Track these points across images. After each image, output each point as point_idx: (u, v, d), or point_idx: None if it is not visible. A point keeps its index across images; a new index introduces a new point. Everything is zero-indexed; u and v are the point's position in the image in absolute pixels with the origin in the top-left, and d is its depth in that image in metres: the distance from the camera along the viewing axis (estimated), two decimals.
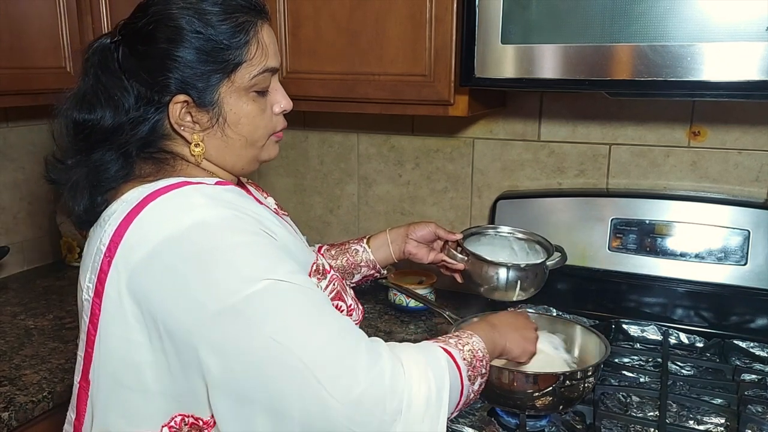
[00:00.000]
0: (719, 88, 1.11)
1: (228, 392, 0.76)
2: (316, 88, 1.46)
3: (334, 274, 0.98)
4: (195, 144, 0.86)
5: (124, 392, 0.81)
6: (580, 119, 1.59)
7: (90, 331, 0.82)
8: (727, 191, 1.49)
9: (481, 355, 0.90)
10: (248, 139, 0.89)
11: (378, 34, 1.38)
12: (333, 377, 0.73)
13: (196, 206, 0.79)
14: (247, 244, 0.78)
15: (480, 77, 1.25)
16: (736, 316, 1.42)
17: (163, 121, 0.85)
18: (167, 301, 0.76)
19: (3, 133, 1.85)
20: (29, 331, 1.52)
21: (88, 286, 0.82)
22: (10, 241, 1.88)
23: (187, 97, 0.83)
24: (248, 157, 0.91)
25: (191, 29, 0.81)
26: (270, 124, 0.91)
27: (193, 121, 0.85)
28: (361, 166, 1.87)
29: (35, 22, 1.51)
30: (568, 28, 1.15)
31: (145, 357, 0.79)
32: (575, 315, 1.51)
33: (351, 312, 0.99)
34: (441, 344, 0.87)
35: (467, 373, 0.86)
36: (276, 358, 0.73)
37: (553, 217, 1.55)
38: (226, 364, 0.75)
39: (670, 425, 1.10)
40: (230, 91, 0.85)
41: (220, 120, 0.86)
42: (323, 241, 1.98)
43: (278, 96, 0.92)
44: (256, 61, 0.86)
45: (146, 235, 0.77)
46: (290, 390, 0.73)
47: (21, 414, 1.20)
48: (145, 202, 0.79)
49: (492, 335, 0.97)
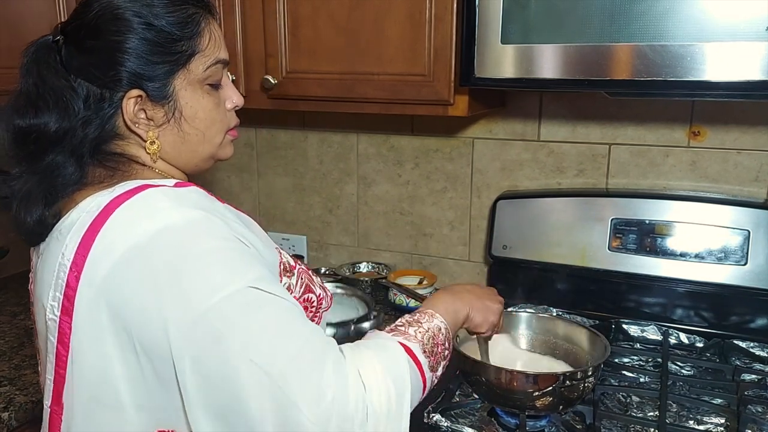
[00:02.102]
0: (719, 88, 1.11)
1: (203, 405, 0.73)
2: (315, 88, 1.46)
3: (301, 267, 0.95)
4: (150, 141, 0.83)
5: (102, 411, 0.78)
6: (580, 119, 1.59)
7: (60, 352, 0.78)
8: (727, 191, 1.49)
9: (443, 337, 0.89)
10: (205, 135, 0.86)
11: (377, 33, 1.37)
12: (302, 392, 0.71)
13: (160, 209, 0.76)
14: (217, 249, 0.76)
15: (480, 77, 1.24)
16: (736, 316, 1.42)
17: (116, 119, 0.82)
18: (137, 311, 0.74)
19: None
20: (29, 331, 1.52)
21: (52, 305, 0.78)
22: (10, 241, 1.88)
23: (140, 92, 0.80)
24: (204, 154, 0.88)
25: (140, 21, 0.79)
26: (225, 119, 0.89)
27: (148, 117, 0.82)
28: (361, 165, 1.87)
29: (34, 22, 1.51)
30: (568, 27, 1.15)
31: (121, 371, 0.76)
32: (575, 315, 1.51)
33: (321, 301, 0.97)
34: (400, 338, 0.85)
35: (429, 365, 0.85)
36: (244, 371, 0.71)
37: (552, 217, 1.55)
38: (199, 375, 0.72)
39: (670, 425, 1.10)
40: (185, 83, 0.83)
41: (176, 114, 0.83)
42: (323, 241, 1.99)
43: (230, 91, 0.90)
44: (209, 52, 0.84)
45: (112, 245, 0.74)
46: (259, 402, 0.71)
47: (21, 414, 1.20)
48: (108, 210, 0.76)
49: (453, 305, 0.96)
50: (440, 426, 1.12)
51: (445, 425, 1.12)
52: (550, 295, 1.58)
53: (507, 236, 1.60)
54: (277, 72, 1.48)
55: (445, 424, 1.12)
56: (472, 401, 1.20)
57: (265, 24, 1.47)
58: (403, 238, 1.86)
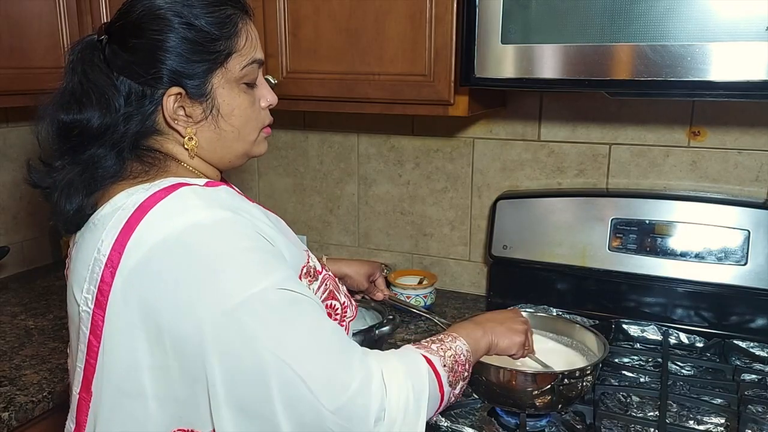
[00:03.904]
0: (719, 88, 1.11)
1: (228, 400, 0.76)
2: (316, 87, 1.46)
3: (327, 274, 0.97)
4: (189, 137, 0.85)
5: (127, 402, 0.81)
6: (580, 119, 1.59)
7: (92, 342, 0.81)
8: (727, 191, 1.49)
9: (464, 359, 0.91)
10: (240, 132, 0.89)
11: (378, 33, 1.38)
12: (325, 388, 0.74)
13: (189, 207, 0.78)
14: (245, 249, 0.78)
15: (480, 77, 1.24)
16: (736, 316, 1.42)
17: (156, 116, 0.84)
18: (165, 305, 0.76)
19: (3, 133, 1.85)
20: (29, 331, 1.52)
21: (86, 297, 0.81)
22: (10, 241, 1.88)
23: (180, 89, 0.83)
24: (239, 150, 0.91)
25: (180, 20, 0.82)
26: (260, 117, 0.92)
27: (186, 114, 0.85)
28: (361, 165, 1.87)
29: (35, 22, 1.51)
30: (569, 27, 1.15)
31: (147, 365, 0.79)
32: (575, 315, 1.51)
33: (345, 309, 0.99)
34: (423, 351, 0.88)
35: (448, 379, 0.87)
36: (270, 368, 0.74)
37: (553, 217, 1.55)
38: (227, 370, 0.75)
39: (670, 425, 1.10)
40: (222, 82, 0.85)
41: (214, 111, 0.86)
42: (323, 241, 1.99)
43: (264, 91, 0.93)
44: (245, 52, 0.87)
45: (143, 239, 0.77)
46: (285, 399, 0.74)
47: (21, 414, 1.20)
48: (144, 208, 0.78)
49: (475, 333, 0.98)
50: (440, 426, 1.12)
51: (445, 425, 1.12)
52: (550, 295, 1.58)
53: (507, 236, 1.60)
54: (277, 72, 1.49)
55: (445, 424, 1.12)
56: (472, 401, 1.20)
57: (266, 24, 1.47)
58: (404, 238, 1.86)
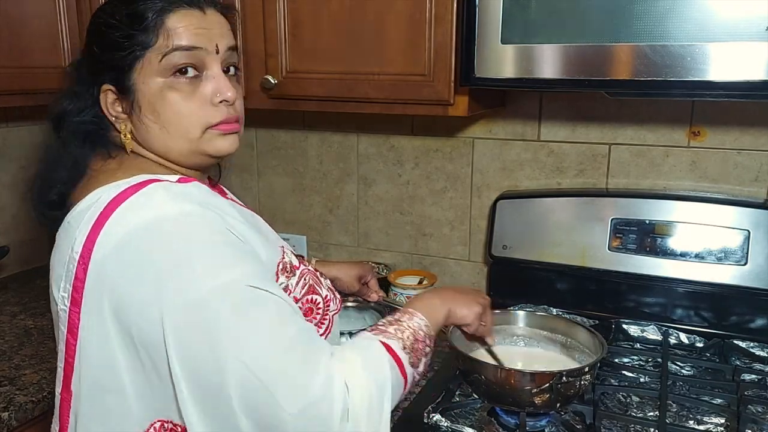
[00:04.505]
0: (719, 88, 1.11)
1: (190, 395, 0.75)
2: (316, 87, 1.46)
3: (305, 269, 0.96)
4: (123, 133, 0.87)
5: (107, 397, 0.81)
6: (580, 119, 1.59)
7: (69, 341, 0.82)
8: (727, 191, 1.49)
9: (423, 334, 0.92)
10: (169, 128, 0.85)
11: (378, 33, 1.38)
12: (286, 392, 0.73)
13: (156, 201, 0.79)
14: (208, 243, 0.78)
15: (480, 77, 1.24)
16: (736, 316, 1.42)
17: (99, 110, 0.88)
18: (130, 300, 0.76)
19: (3, 133, 1.84)
20: (29, 331, 1.52)
21: (63, 296, 0.81)
22: (10, 241, 1.88)
23: (109, 86, 0.86)
24: (181, 147, 0.87)
25: (102, 22, 0.86)
26: (200, 112, 0.85)
27: (123, 111, 0.87)
28: (361, 165, 1.87)
29: (35, 22, 1.51)
30: (568, 27, 1.15)
31: (123, 360, 0.79)
32: (575, 315, 1.51)
33: (328, 303, 0.98)
34: (381, 337, 0.88)
35: (409, 361, 0.88)
36: (228, 368, 0.73)
37: (552, 217, 1.55)
38: (186, 365, 0.75)
39: (670, 425, 1.10)
40: (143, 77, 0.84)
41: (135, 107, 0.85)
42: (323, 241, 1.99)
43: (220, 84, 0.86)
44: (164, 43, 0.83)
45: (110, 234, 0.78)
46: (243, 399, 0.73)
47: (21, 414, 1.20)
48: (114, 204, 0.79)
49: (432, 302, 1.00)
50: (440, 426, 1.12)
51: (445, 425, 1.12)
52: (550, 295, 1.58)
53: (507, 236, 1.60)
54: (277, 72, 1.48)
55: (445, 424, 1.12)
56: (472, 401, 1.20)
57: (266, 24, 1.47)
58: (403, 238, 1.86)
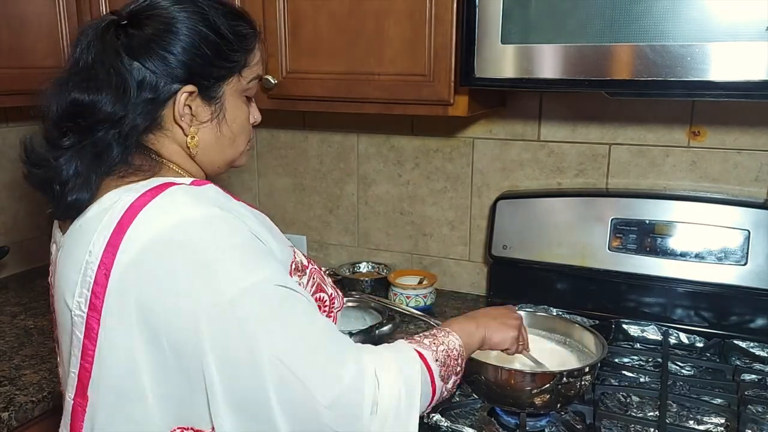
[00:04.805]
0: (719, 88, 1.11)
1: (225, 397, 0.76)
2: (316, 87, 1.46)
3: (313, 267, 0.97)
4: (191, 136, 0.87)
5: (126, 404, 0.80)
6: (580, 119, 1.59)
7: (87, 346, 0.80)
8: (727, 191, 1.49)
9: (456, 353, 0.93)
10: (236, 139, 0.92)
11: (377, 33, 1.38)
12: (319, 384, 0.76)
13: (180, 204, 0.79)
14: (235, 245, 0.78)
15: (480, 77, 1.24)
16: (736, 316, 1.42)
17: (165, 109, 0.84)
18: (160, 303, 0.76)
19: (2, 133, 1.85)
20: (29, 331, 1.52)
21: (78, 301, 0.79)
22: (10, 241, 1.88)
23: (194, 88, 0.84)
24: (228, 157, 0.94)
25: (211, 24, 0.84)
26: (250, 130, 0.96)
27: (192, 113, 0.86)
28: (361, 165, 1.87)
29: (35, 22, 1.51)
30: (568, 28, 1.15)
31: (145, 364, 0.78)
32: (575, 315, 1.51)
33: (333, 300, 0.99)
34: (415, 345, 0.89)
35: (440, 374, 0.89)
36: (265, 365, 0.74)
37: (552, 217, 1.55)
38: (222, 368, 0.75)
39: (670, 425, 1.10)
40: (232, 90, 0.89)
41: (220, 115, 0.88)
42: (323, 241, 1.99)
43: (254, 108, 0.97)
44: (255, 68, 0.92)
45: (135, 239, 0.77)
46: (280, 396, 0.75)
47: (21, 414, 1.20)
48: (135, 209, 0.78)
49: (468, 327, 1.00)
50: (440, 426, 1.12)
51: (445, 425, 1.12)
52: (549, 295, 1.58)
53: (507, 236, 1.60)
54: (277, 72, 1.49)
55: (445, 424, 1.12)
56: (472, 401, 1.20)
57: (266, 24, 1.46)
58: (403, 238, 1.86)
